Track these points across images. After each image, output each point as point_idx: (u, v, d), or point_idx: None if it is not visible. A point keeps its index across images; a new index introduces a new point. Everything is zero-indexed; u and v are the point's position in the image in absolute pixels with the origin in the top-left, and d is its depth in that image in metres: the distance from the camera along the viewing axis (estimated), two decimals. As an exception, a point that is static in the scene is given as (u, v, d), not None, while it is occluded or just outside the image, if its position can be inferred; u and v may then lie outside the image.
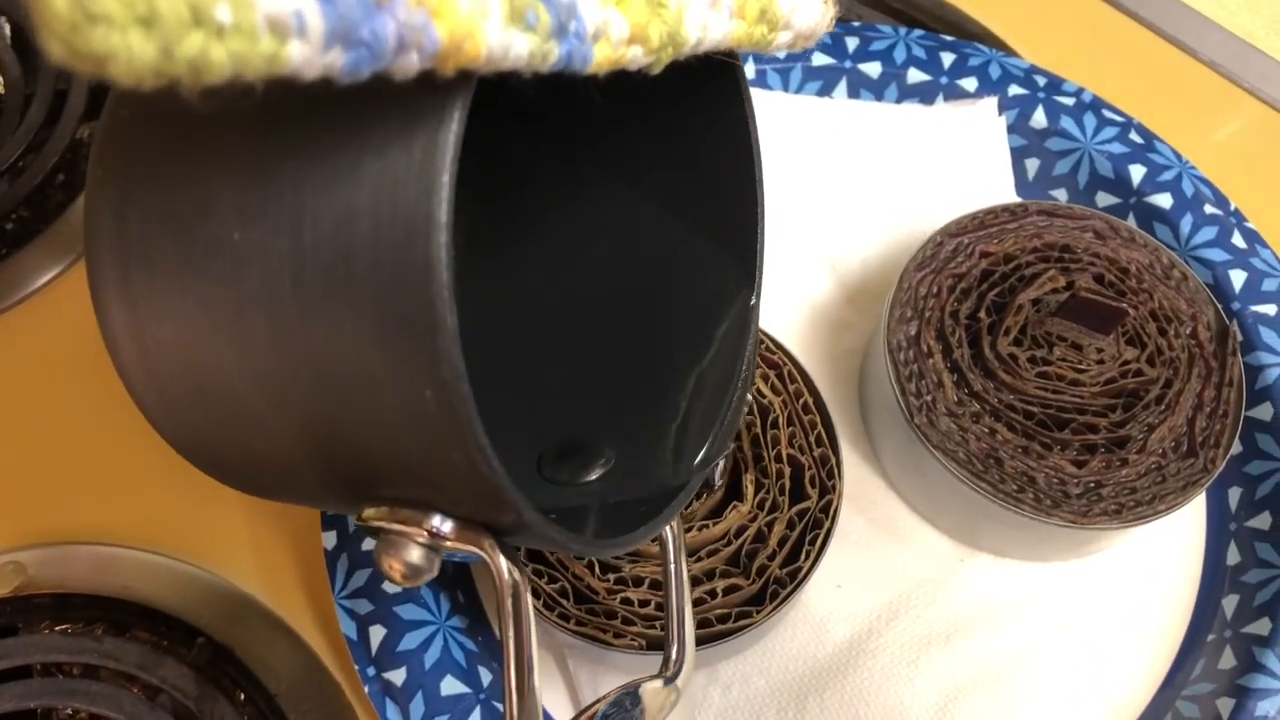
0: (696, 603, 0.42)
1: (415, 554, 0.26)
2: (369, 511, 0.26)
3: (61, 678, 0.47)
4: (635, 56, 0.22)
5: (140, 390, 0.26)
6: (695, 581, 0.43)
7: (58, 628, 0.48)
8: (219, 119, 0.23)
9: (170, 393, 0.26)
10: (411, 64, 0.18)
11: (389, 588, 0.45)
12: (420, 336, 0.22)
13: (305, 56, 0.16)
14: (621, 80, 0.24)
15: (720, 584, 0.42)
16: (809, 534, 0.43)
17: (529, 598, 0.28)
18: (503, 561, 0.27)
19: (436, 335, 0.22)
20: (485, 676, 0.45)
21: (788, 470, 0.44)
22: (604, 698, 0.34)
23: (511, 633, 0.28)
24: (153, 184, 0.24)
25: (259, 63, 0.16)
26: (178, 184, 0.24)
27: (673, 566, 0.38)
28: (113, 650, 0.47)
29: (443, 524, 0.26)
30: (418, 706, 0.43)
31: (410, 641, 0.44)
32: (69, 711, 0.46)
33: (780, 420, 0.45)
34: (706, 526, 0.43)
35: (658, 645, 0.41)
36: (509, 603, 0.28)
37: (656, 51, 0.22)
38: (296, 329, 0.23)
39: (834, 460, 0.44)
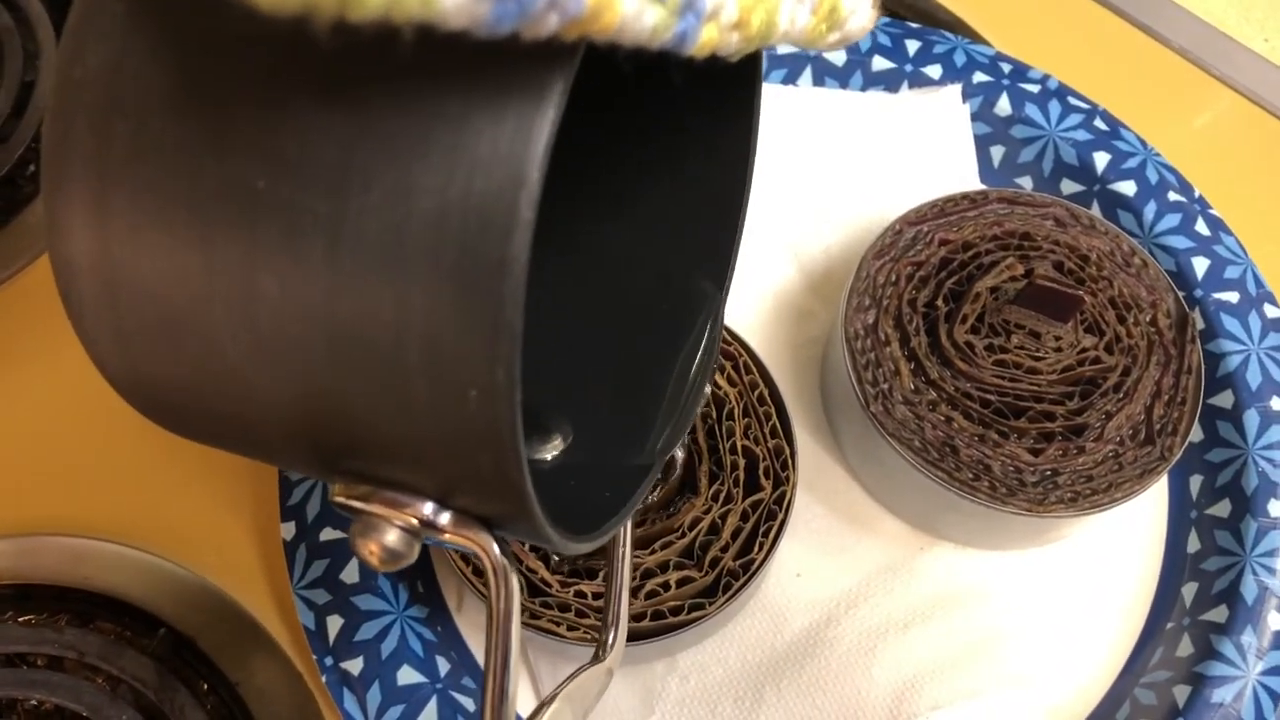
0: (650, 595, 0.42)
1: (394, 538, 0.24)
2: (348, 490, 0.25)
3: (25, 669, 0.47)
4: (731, 42, 0.21)
5: (89, 321, 0.24)
6: (648, 574, 0.43)
7: (20, 619, 0.48)
8: (257, 46, 0.20)
9: (129, 331, 0.23)
10: (548, 26, 0.17)
11: (347, 578, 0.45)
12: (479, 336, 0.20)
13: (458, 4, 0.15)
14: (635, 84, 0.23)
15: (674, 576, 0.42)
16: (763, 525, 0.43)
17: (518, 593, 0.27)
18: (499, 556, 0.26)
19: (499, 339, 0.20)
20: (443, 666, 0.45)
21: (742, 462, 0.44)
22: (546, 702, 0.34)
23: (499, 630, 0.27)
24: (155, 101, 0.21)
25: (415, 6, 0.15)
26: (190, 110, 0.21)
27: (619, 549, 0.38)
28: (75, 641, 0.47)
29: (438, 514, 0.24)
30: (374, 696, 0.43)
31: (367, 631, 0.45)
32: (33, 703, 0.46)
33: (735, 412, 0.45)
34: (660, 519, 0.43)
35: (612, 636, 0.41)
36: (500, 601, 0.27)
37: (752, 39, 0.21)
38: (320, 299, 0.21)
39: (788, 451, 0.44)
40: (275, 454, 0.26)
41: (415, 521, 0.24)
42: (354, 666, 0.44)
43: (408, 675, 0.44)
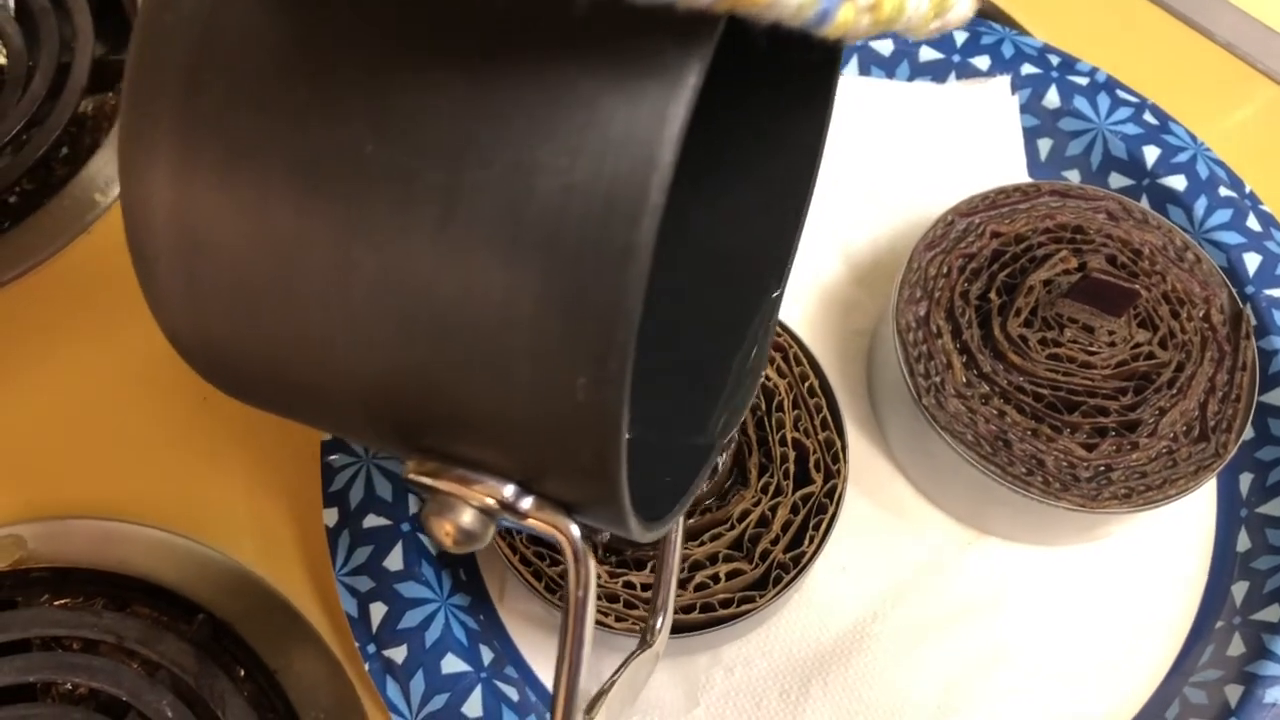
0: (699, 587, 0.41)
1: (470, 518, 0.24)
2: (424, 466, 0.24)
3: (61, 652, 0.47)
4: (861, 25, 0.19)
5: (162, 275, 0.23)
6: (698, 566, 0.42)
7: (57, 602, 0.48)
8: (371, 7, 0.20)
9: (205, 290, 0.23)
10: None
11: (390, 565, 0.45)
12: (595, 323, 0.19)
13: None
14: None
15: (723, 568, 0.42)
16: (813, 519, 0.42)
17: (595, 579, 0.26)
18: (579, 542, 0.25)
19: (617, 327, 0.19)
20: (486, 655, 0.45)
21: (792, 454, 0.43)
22: (604, 690, 0.33)
23: (575, 617, 0.26)
24: (255, 54, 0.21)
25: None
26: (294, 65, 0.20)
27: (670, 535, 0.37)
28: (112, 625, 0.46)
29: (520, 497, 0.24)
30: (418, 684, 0.43)
31: (411, 619, 0.44)
32: (68, 686, 0.46)
33: (785, 403, 0.44)
34: (710, 510, 0.42)
35: (662, 628, 0.41)
36: (578, 588, 0.26)
37: (879, 23, 0.20)
38: (425, 273, 0.20)
39: (839, 444, 0.43)
40: (347, 426, 0.25)
41: (494, 503, 0.24)
42: (397, 655, 0.43)
43: (452, 664, 0.43)
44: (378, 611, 0.44)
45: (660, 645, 0.36)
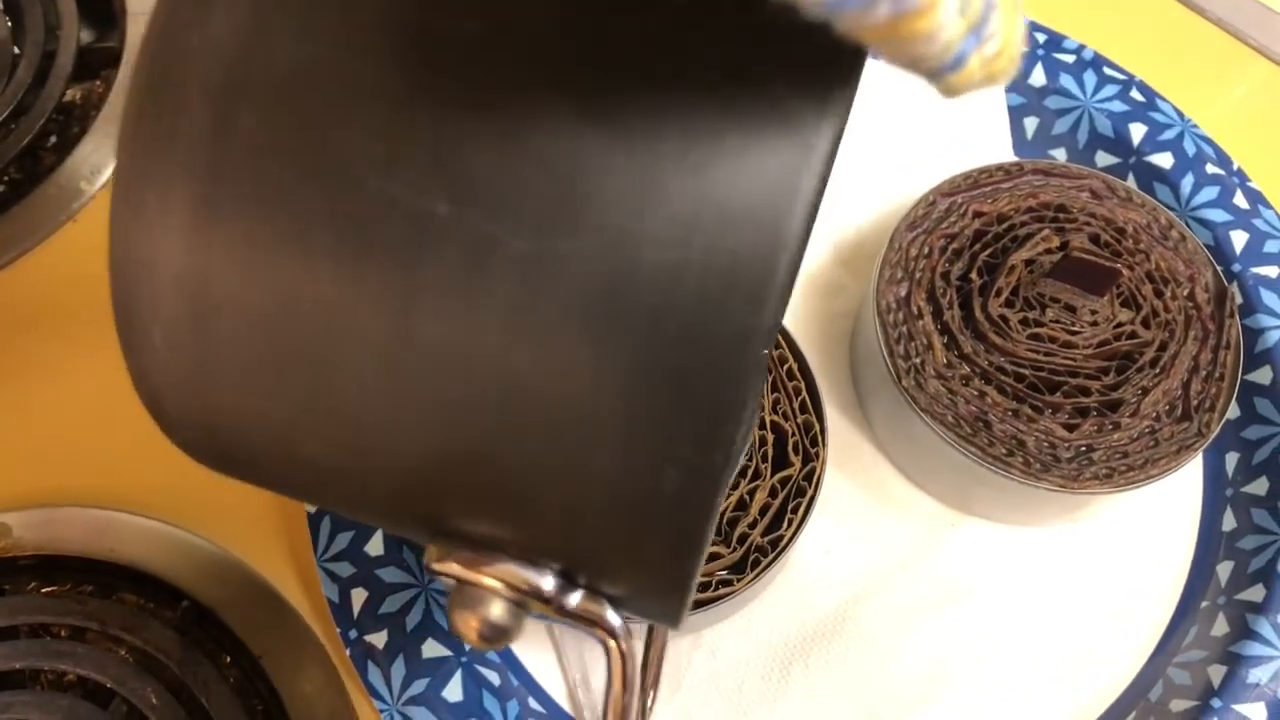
0: (677, 567, 0.41)
1: (500, 611, 0.21)
2: (452, 555, 0.21)
3: (48, 639, 0.47)
4: (975, 79, 0.17)
5: (161, 340, 0.20)
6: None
7: (44, 590, 0.48)
8: (455, 28, 0.17)
9: (215, 361, 0.20)
10: (875, 19, 0.14)
11: (371, 550, 0.45)
12: (699, 413, 0.17)
13: None
14: None
15: (701, 550, 0.41)
16: (792, 502, 0.42)
17: (637, 672, 0.24)
18: (624, 640, 0.22)
19: (725, 420, 0.17)
20: (468, 640, 0.45)
21: (771, 437, 0.43)
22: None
23: (619, 715, 0.24)
24: (299, 90, 0.18)
25: None
26: (347, 106, 0.17)
27: None
28: (97, 612, 0.46)
29: (565, 593, 0.21)
30: (399, 669, 0.43)
31: (392, 604, 0.44)
32: (56, 673, 0.46)
33: (765, 386, 0.44)
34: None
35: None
36: (623, 691, 0.24)
37: (989, 79, 0.18)
38: (496, 351, 0.17)
39: (818, 427, 0.43)
40: (364, 509, 0.22)
41: (530, 596, 0.21)
42: (378, 640, 0.44)
43: (433, 648, 0.44)
44: (359, 597, 0.44)
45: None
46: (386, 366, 0.18)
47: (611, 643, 0.22)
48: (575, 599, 0.21)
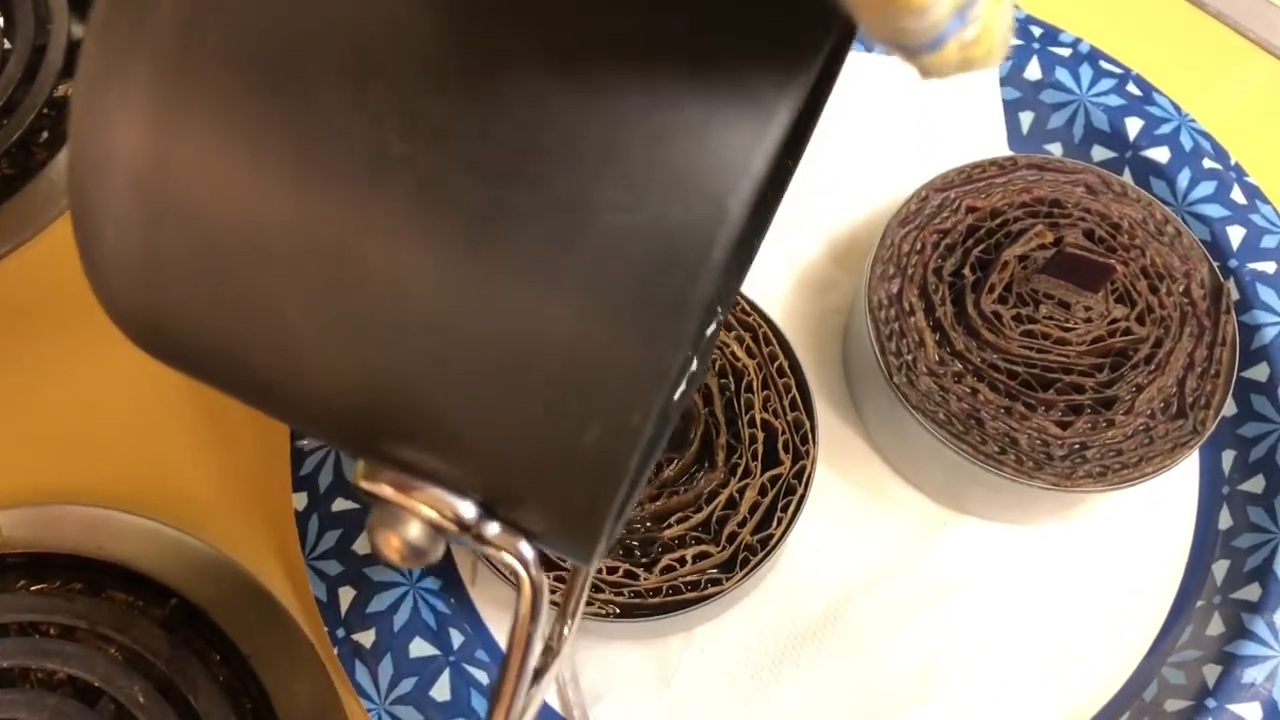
0: (666, 570, 0.41)
1: (418, 533, 0.22)
2: (378, 474, 0.22)
3: (37, 638, 0.47)
4: (951, 63, 0.18)
5: (110, 233, 0.20)
6: (665, 548, 0.42)
7: (33, 587, 0.48)
8: None
9: (164, 260, 0.20)
10: None
11: (359, 549, 0.45)
12: (627, 375, 0.17)
13: None
14: None
15: (690, 551, 0.41)
16: (781, 500, 0.42)
17: (546, 614, 0.24)
18: (538, 575, 0.23)
19: (650, 384, 0.17)
20: (456, 638, 0.44)
21: (761, 435, 0.43)
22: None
23: (520, 651, 0.24)
24: (276, 11, 0.18)
25: None
26: (319, 36, 0.18)
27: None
28: (86, 610, 0.46)
29: (484, 523, 0.22)
30: (386, 668, 0.43)
31: (380, 603, 0.44)
32: (45, 671, 0.46)
33: (754, 384, 0.44)
34: (676, 493, 0.42)
35: (630, 612, 0.40)
36: (530, 622, 0.24)
37: (966, 65, 0.18)
38: (443, 289, 0.18)
39: (808, 425, 0.43)
40: (301, 419, 0.23)
41: (450, 523, 0.22)
42: (366, 639, 0.43)
43: (420, 648, 0.43)
44: (346, 595, 0.44)
45: (567, 651, 0.35)
46: (328, 289, 0.19)
47: (523, 573, 0.23)
48: (493, 529, 0.22)
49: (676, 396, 0.33)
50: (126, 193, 0.19)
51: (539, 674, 0.32)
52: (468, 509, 0.21)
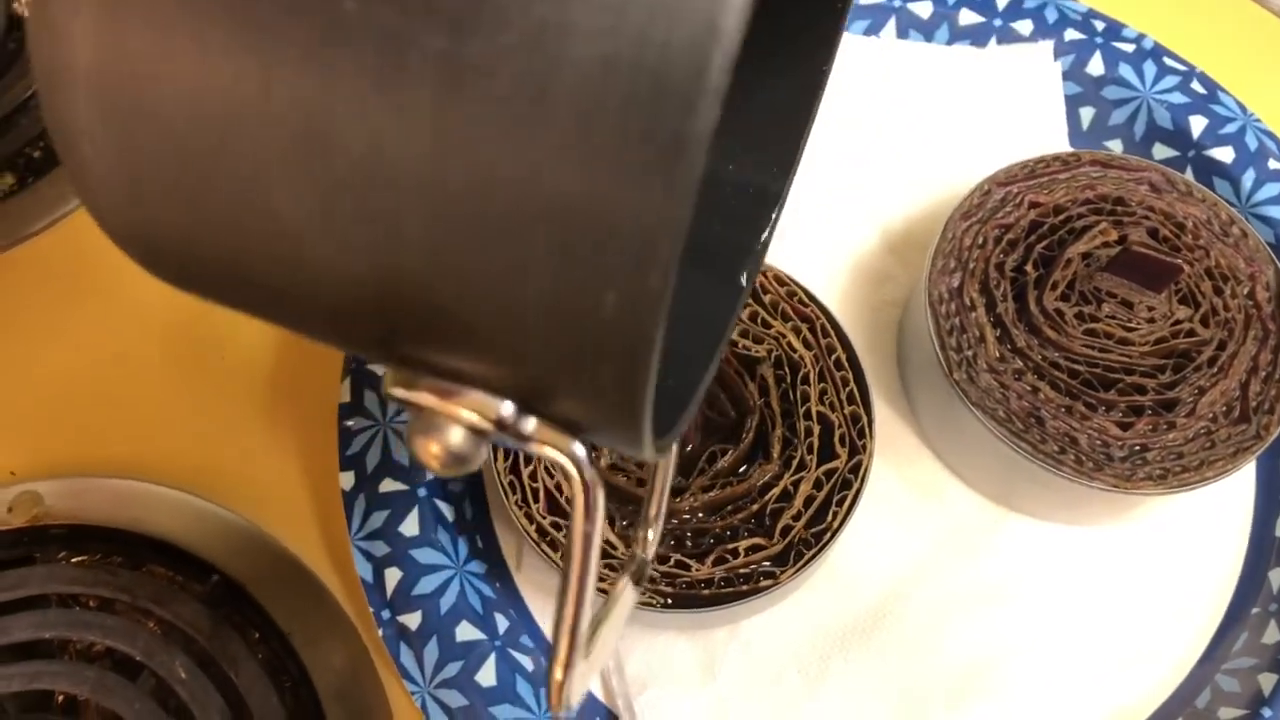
0: (718, 561, 0.40)
1: (460, 438, 0.21)
2: (407, 380, 0.21)
3: (78, 609, 0.46)
4: None
5: (87, 152, 0.19)
6: (718, 539, 0.41)
7: (74, 559, 0.48)
8: None
9: (140, 169, 0.19)
10: None
11: (406, 530, 0.44)
12: (633, 231, 0.16)
13: None
14: None
15: (744, 543, 0.41)
16: (837, 495, 0.41)
17: (603, 511, 0.23)
18: (590, 469, 0.22)
19: (660, 238, 0.16)
20: (501, 623, 0.44)
21: (817, 428, 0.42)
22: (599, 620, 0.32)
23: (581, 553, 0.23)
24: None
25: None
26: None
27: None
28: (127, 584, 0.46)
29: (521, 418, 0.21)
30: (432, 651, 0.42)
31: (426, 585, 0.43)
32: (84, 643, 0.46)
33: (811, 375, 0.43)
34: (730, 484, 0.41)
35: (681, 603, 0.40)
36: (585, 521, 0.23)
37: None
38: (421, 160, 0.17)
39: (865, 419, 0.42)
40: (316, 329, 0.22)
41: (489, 423, 0.21)
42: (411, 621, 0.43)
43: (466, 631, 0.43)
44: (392, 577, 0.43)
45: (651, 554, 0.35)
46: (314, 180, 0.18)
47: (573, 469, 0.22)
48: (533, 425, 0.21)
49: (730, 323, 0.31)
50: (91, 103, 0.18)
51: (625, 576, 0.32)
52: (505, 407, 0.21)
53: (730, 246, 0.31)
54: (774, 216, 0.31)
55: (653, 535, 0.34)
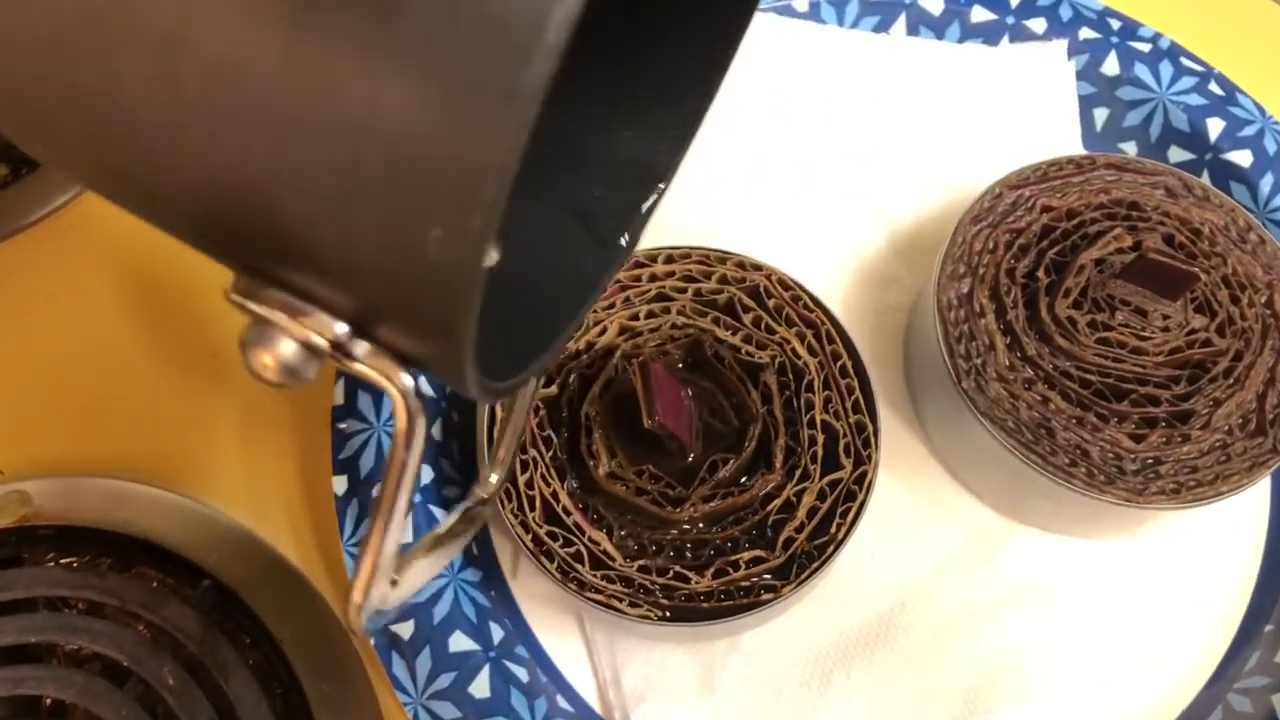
0: (719, 573, 0.39)
1: (292, 352, 0.22)
2: (248, 287, 0.22)
3: (66, 613, 0.45)
4: None
5: None
6: (718, 551, 0.40)
7: (62, 561, 0.47)
8: None
9: (13, 53, 0.20)
10: None
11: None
12: (460, 172, 0.17)
13: None
14: None
15: (745, 555, 0.40)
16: (840, 506, 0.40)
17: (421, 443, 0.24)
18: (415, 400, 0.23)
19: (485, 181, 0.17)
20: (496, 633, 0.43)
21: (821, 437, 0.41)
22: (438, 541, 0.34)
23: (393, 478, 0.25)
24: None
25: None
26: None
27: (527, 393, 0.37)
28: (116, 588, 0.45)
29: (353, 341, 0.22)
30: (424, 662, 0.42)
31: (419, 594, 0.43)
32: (72, 648, 0.45)
33: (815, 383, 0.42)
34: (731, 494, 0.40)
35: (680, 616, 0.39)
36: (404, 449, 0.24)
37: None
38: (270, 72, 0.17)
39: (871, 428, 0.41)
40: (175, 227, 0.23)
41: (322, 340, 0.22)
42: (404, 630, 0.42)
43: (460, 642, 0.42)
44: (385, 585, 0.42)
45: (491, 495, 0.37)
46: (165, 75, 0.18)
47: (398, 397, 0.23)
48: (361, 349, 0.22)
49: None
50: None
51: (470, 516, 0.35)
52: (339, 328, 0.22)
53: (613, 210, 0.31)
54: (659, 189, 0.31)
55: (495, 478, 0.36)
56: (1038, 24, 0.53)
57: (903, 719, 0.43)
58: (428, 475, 0.45)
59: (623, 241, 0.31)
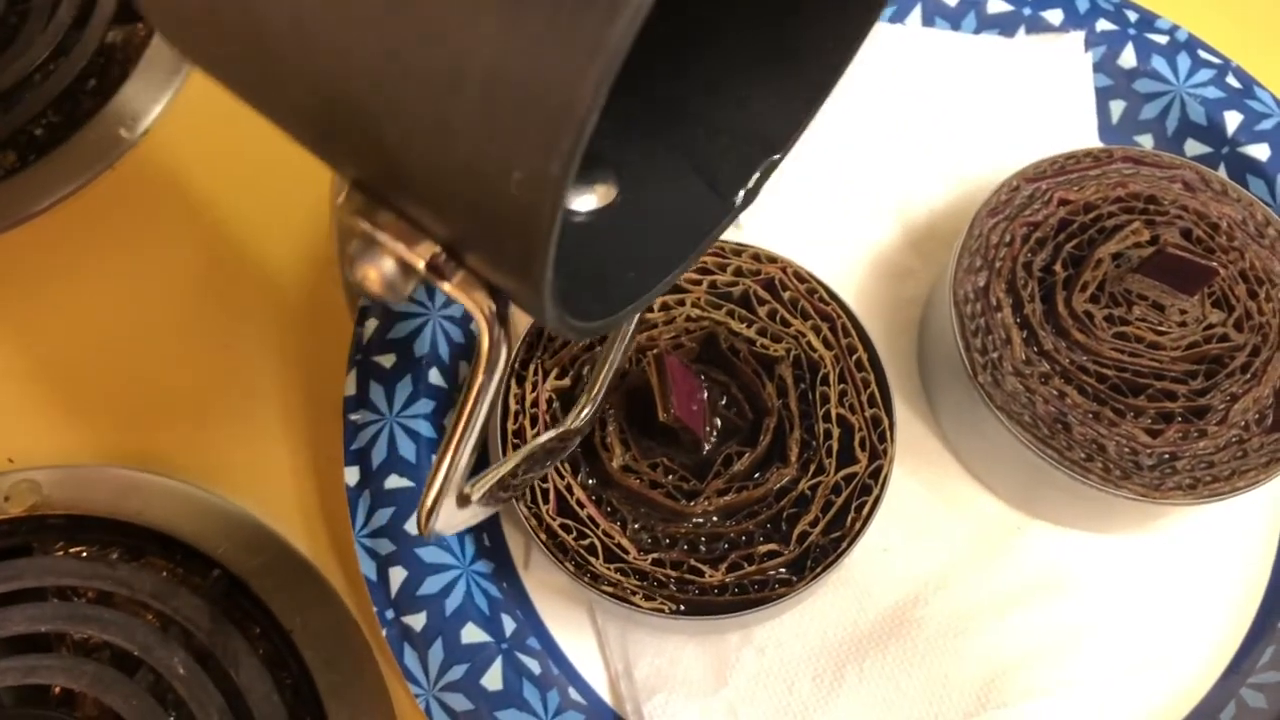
0: (733, 567, 0.39)
1: (393, 268, 0.24)
2: (356, 203, 0.24)
3: (75, 602, 0.45)
4: None
5: None
6: (732, 544, 0.40)
7: (72, 550, 0.47)
8: None
9: None
10: None
11: (411, 528, 0.43)
12: (543, 118, 0.18)
13: None
14: None
15: (759, 549, 0.39)
16: (855, 500, 0.40)
17: (502, 369, 0.26)
18: (499, 329, 0.25)
19: (565, 128, 0.17)
20: (508, 625, 0.43)
21: (836, 431, 0.41)
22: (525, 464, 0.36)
23: (474, 396, 0.27)
24: None
25: None
26: None
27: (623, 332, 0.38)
28: (126, 577, 0.45)
29: (447, 265, 0.24)
30: (436, 653, 0.41)
31: (431, 585, 0.42)
32: (82, 637, 0.45)
33: (831, 377, 0.42)
34: (746, 488, 0.40)
35: (694, 609, 0.39)
36: (486, 373, 0.26)
37: None
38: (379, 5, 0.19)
39: (887, 422, 0.41)
40: (294, 128, 0.24)
41: (419, 260, 0.23)
42: (416, 622, 0.42)
43: (472, 633, 0.42)
44: (397, 576, 0.42)
45: (575, 427, 0.39)
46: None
47: (484, 323, 0.25)
48: (460, 276, 0.24)
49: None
50: None
51: (553, 453, 0.38)
52: (434, 251, 0.23)
53: (732, 167, 0.32)
54: (778, 156, 0.32)
55: (587, 413, 0.38)
56: (1054, 15, 0.53)
57: (915, 713, 0.43)
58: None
59: (736, 200, 0.31)
